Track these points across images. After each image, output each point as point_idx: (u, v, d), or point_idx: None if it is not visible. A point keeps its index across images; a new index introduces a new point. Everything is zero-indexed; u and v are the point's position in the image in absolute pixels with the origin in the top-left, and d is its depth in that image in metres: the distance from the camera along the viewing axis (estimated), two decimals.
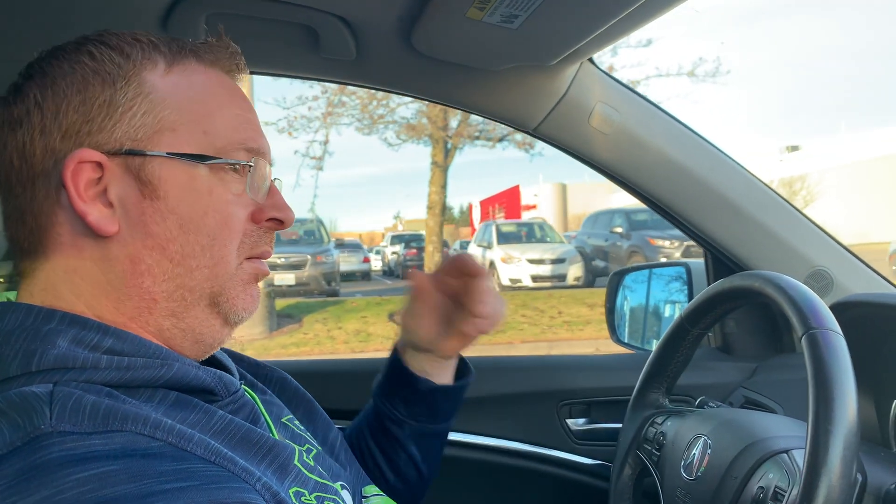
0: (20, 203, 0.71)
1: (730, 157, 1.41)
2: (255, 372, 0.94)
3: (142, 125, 0.70)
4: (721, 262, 1.48)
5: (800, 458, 0.86)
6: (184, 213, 0.71)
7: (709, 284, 1.34)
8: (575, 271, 15.47)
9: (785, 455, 0.93)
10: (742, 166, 1.42)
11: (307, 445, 0.85)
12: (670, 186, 1.39)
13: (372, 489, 0.94)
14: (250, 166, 0.75)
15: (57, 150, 0.69)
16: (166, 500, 0.54)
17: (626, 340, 1.75)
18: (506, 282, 15.22)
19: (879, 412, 1.19)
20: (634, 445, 1.22)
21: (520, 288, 15.02)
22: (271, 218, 0.78)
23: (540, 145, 15.10)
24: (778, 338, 1.51)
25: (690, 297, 1.59)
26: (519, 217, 44.48)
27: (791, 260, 1.41)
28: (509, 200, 44.95)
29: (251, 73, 1.36)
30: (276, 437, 0.77)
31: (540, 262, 15.38)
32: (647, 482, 1.20)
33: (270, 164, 0.80)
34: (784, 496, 0.87)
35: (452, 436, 1.51)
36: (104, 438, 0.58)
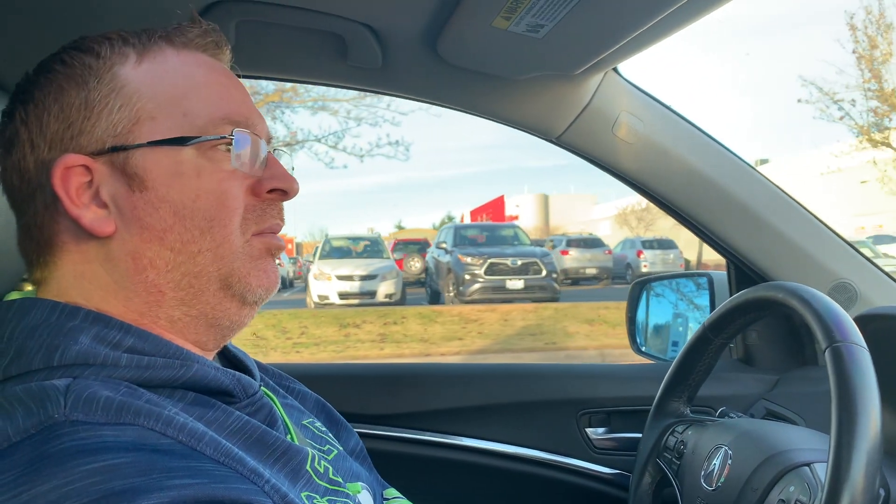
0: (27, 220, 0.73)
1: (753, 168, 1.41)
2: (279, 382, 0.95)
3: (119, 119, 0.70)
4: (743, 272, 1.48)
5: (821, 471, 0.85)
6: (175, 199, 0.70)
7: (731, 295, 1.34)
8: (387, 288, 14.75)
9: (806, 468, 0.92)
10: (765, 177, 1.41)
11: (328, 446, 0.86)
12: (694, 196, 1.39)
13: (393, 492, 0.94)
14: (234, 138, 0.73)
15: (46, 161, 0.70)
16: (172, 495, 0.54)
17: (646, 350, 1.74)
18: (315, 299, 14.56)
19: None
20: (654, 454, 1.22)
21: (327, 305, 14.37)
22: (273, 189, 0.76)
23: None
24: (800, 350, 1.50)
25: (712, 307, 1.59)
26: None
27: (814, 271, 1.40)
28: (495, 210, 45.17)
29: (279, 79, 1.38)
30: (294, 440, 0.77)
31: (349, 278, 14.66)
32: (666, 492, 1.20)
33: (269, 139, 0.78)
34: None
35: (471, 442, 1.52)
36: (116, 430, 0.58)
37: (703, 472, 1.08)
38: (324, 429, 0.91)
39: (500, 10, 1.00)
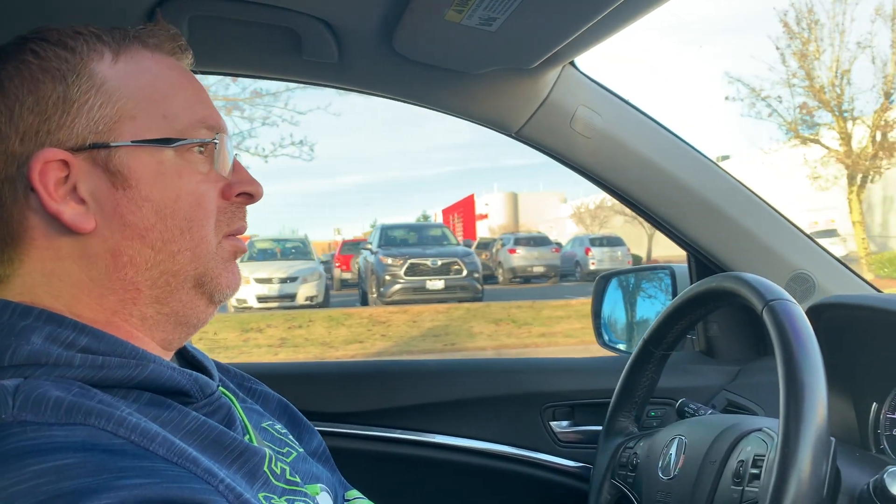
0: None
1: (712, 161, 1.42)
2: (240, 383, 0.94)
3: (101, 117, 0.70)
4: (703, 264, 1.49)
5: (774, 428, 0.87)
6: (157, 198, 0.71)
7: None
8: (307, 290, 14.47)
9: (759, 431, 0.95)
10: (724, 170, 1.43)
11: (287, 448, 0.86)
12: (652, 190, 1.40)
13: (354, 493, 0.94)
14: (216, 143, 0.76)
15: (18, 153, 0.69)
16: (123, 496, 0.54)
17: (610, 344, 1.75)
18: (234, 303, 13.93)
19: (858, 414, 1.20)
20: (609, 475, 1.23)
21: (246, 309, 13.98)
22: (241, 193, 0.78)
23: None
24: (760, 341, 1.52)
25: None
26: (474, 227, 44.78)
27: (773, 263, 1.42)
28: (466, 209, 45.47)
29: (233, 75, 1.37)
30: (253, 441, 0.77)
31: (267, 281, 14.32)
32: None
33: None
34: (763, 461, 0.88)
35: (436, 438, 1.52)
36: (66, 430, 0.58)
37: (660, 465, 1.08)
38: (284, 431, 0.90)
39: (451, 3, 1.00)
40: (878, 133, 19.00)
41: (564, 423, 1.53)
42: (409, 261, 14.56)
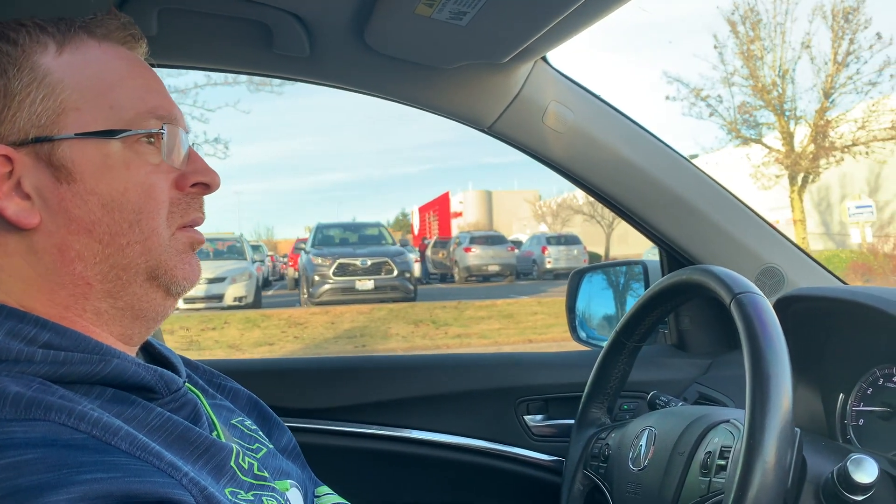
0: None
1: (682, 156, 1.43)
2: (209, 380, 0.94)
3: (43, 110, 0.69)
4: (675, 258, 1.50)
5: (741, 419, 0.88)
6: (104, 191, 0.70)
7: None
8: (236, 291, 14.24)
9: (727, 422, 0.96)
10: (694, 165, 1.44)
11: (256, 445, 0.85)
12: (623, 184, 1.41)
13: (324, 489, 0.94)
14: (162, 133, 0.74)
15: None
16: (83, 490, 0.54)
17: (584, 338, 1.76)
18: None
19: (826, 405, 1.21)
20: (581, 466, 1.24)
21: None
22: (196, 183, 0.77)
23: None
24: (732, 334, 1.53)
25: None
26: (449, 225, 44.73)
27: (743, 257, 1.44)
28: (441, 207, 45.50)
29: (202, 69, 1.36)
30: (221, 437, 0.77)
31: None
32: (598, 498, 1.21)
33: (186, 130, 0.79)
34: (730, 452, 0.90)
35: (411, 433, 1.52)
36: (25, 426, 0.57)
37: (630, 458, 1.09)
38: (254, 427, 0.90)
39: None
40: (819, 133, 19.30)
41: (538, 416, 1.54)
42: (338, 261, 14.43)
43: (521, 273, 24.39)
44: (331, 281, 14.31)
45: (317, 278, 14.36)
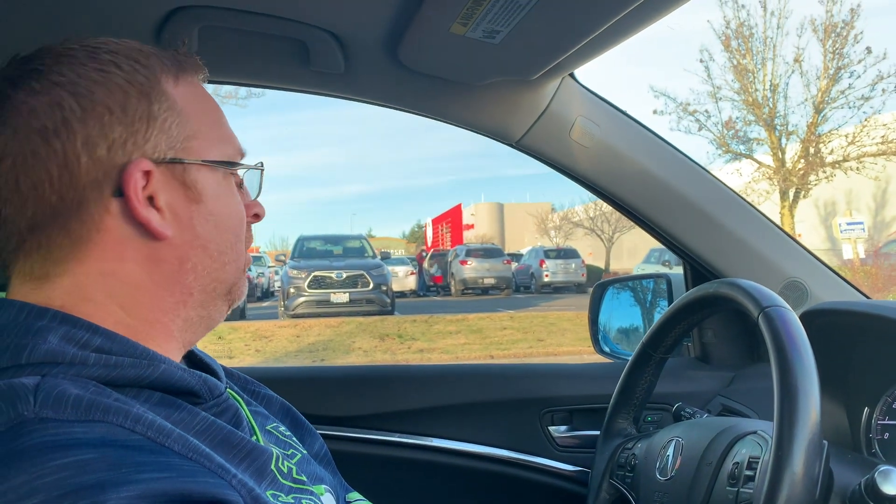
0: (61, 210, 0.70)
1: (706, 171, 1.45)
2: (244, 386, 0.97)
3: (178, 134, 0.75)
4: (699, 272, 1.52)
5: (768, 430, 0.89)
6: (219, 214, 0.79)
7: None
8: None
9: (754, 434, 0.97)
10: (719, 179, 1.46)
11: (291, 450, 0.87)
12: (649, 198, 1.43)
13: (356, 495, 0.96)
14: (262, 169, 0.85)
15: (105, 160, 0.71)
16: (142, 489, 0.56)
17: (607, 350, 1.78)
18: None
19: (851, 419, 1.22)
20: (608, 475, 1.25)
21: None
22: (254, 214, 0.87)
23: None
24: (755, 347, 1.55)
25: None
26: (461, 236, 44.62)
27: (767, 270, 1.45)
28: (454, 219, 45.41)
29: (242, 84, 1.39)
30: (260, 442, 0.79)
31: None
32: None
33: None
34: (758, 463, 0.91)
35: (436, 442, 1.54)
36: (85, 427, 0.59)
37: (657, 467, 1.11)
38: (288, 433, 0.92)
39: (456, 16, 1.03)
40: (811, 148, 19.11)
41: (563, 427, 1.56)
42: (314, 273, 14.40)
43: (521, 286, 24.42)
44: (306, 293, 14.32)
45: (292, 291, 14.37)
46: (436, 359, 9.92)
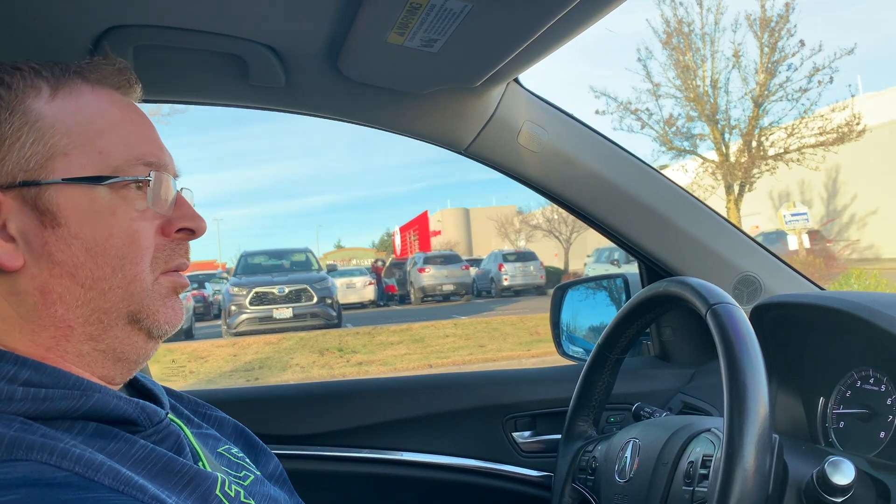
0: None
1: (655, 170, 1.46)
2: (195, 410, 0.95)
3: (32, 154, 0.70)
4: (653, 271, 1.52)
5: (721, 428, 0.89)
6: (88, 236, 0.71)
7: None
8: None
9: (708, 431, 0.98)
10: (668, 178, 1.47)
11: (244, 472, 0.86)
12: (599, 199, 1.43)
13: None
14: (149, 181, 0.75)
15: None
16: None
17: (570, 353, 1.77)
18: None
19: (807, 410, 1.23)
20: (570, 479, 1.25)
21: None
22: (182, 229, 0.78)
23: None
24: (712, 343, 1.55)
25: None
26: (429, 243, 44.81)
27: (720, 266, 1.46)
28: (421, 226, 45.58)
29: (180, 102, 1.37)
30: (205, 467, 0.77)
31: None
32: None
33: (176, 176, 0.80)
34: (712, 460, 0.91)
35: (400, 455, 1.52)
36: (7, 467, 0.58)
37: (616, 470, 1.11)
38: (241, 455, 0.90)
39: (392, 25, 1.02)
40: (753, 141, 19.43)
41: (526, 433, 1.55)
42: (255, 290, 14.17)
43: (483, 291, 24.45)
44: (248, 311, 14.10)
45: (233, 308, 14.14)
46: (374, 371, 9.73)
